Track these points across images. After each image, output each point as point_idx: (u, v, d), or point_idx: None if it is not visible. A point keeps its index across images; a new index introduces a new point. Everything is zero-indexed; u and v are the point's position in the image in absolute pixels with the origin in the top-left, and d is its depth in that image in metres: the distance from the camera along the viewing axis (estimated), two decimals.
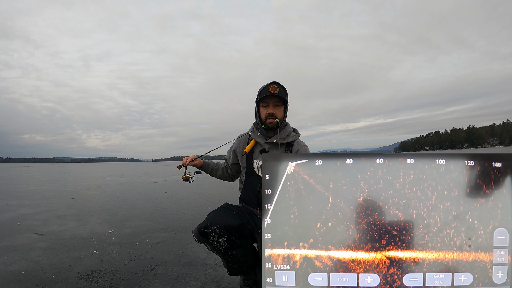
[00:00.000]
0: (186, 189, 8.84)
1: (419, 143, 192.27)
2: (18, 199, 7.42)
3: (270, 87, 1.60)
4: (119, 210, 5.70)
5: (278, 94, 1.59)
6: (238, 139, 1.82)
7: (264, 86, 1.63)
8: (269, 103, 1.63)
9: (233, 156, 1.86)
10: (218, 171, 1.91)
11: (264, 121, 1.66)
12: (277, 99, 1.63)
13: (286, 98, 1.63)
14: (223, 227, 1.45)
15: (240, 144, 1.81)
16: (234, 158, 1.86)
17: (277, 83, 1.63)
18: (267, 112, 1.64)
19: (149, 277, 2.41)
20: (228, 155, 1.90)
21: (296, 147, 1.69)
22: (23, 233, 3.95)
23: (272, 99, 1.63)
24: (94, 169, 34.45)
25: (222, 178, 1.96)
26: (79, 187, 10.75)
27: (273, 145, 1.67)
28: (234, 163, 1.87)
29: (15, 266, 2.70)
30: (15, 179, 16.13)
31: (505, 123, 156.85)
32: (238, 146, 1.82)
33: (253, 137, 1.72)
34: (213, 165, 1.88)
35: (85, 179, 15.92)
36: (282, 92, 1.61)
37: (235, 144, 1.84)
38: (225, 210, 1.58)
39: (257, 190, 1.63)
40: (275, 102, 1.63)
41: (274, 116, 1.64)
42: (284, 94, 1.63)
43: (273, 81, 1.64)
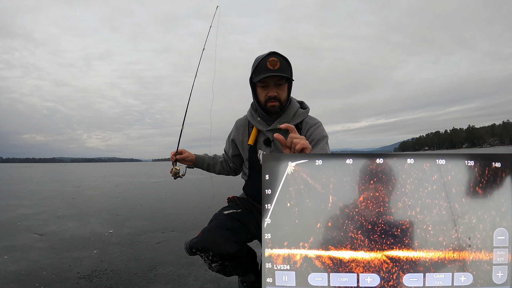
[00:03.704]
0: (186, 189, 8.84)
1: (419, 143, 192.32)
2: (18, 199, 7.42)
3: (268, 62, 1.23)
4: (119, 210, 5.70)
5: (280, 70, 1.24)
6: (236, 126, 1.54)
7: (260, 59, 1.26)
8: (269, 83, 1.28)
9: (232, 146, 1.57)
10: (216, 166, 1.63)
11: (264, 105, 1.33)
12: (279, 76, 1.26)
13: (290, 74, 1.27)
14: (216, 255, 1.22)
15: (238, 131, 1.51)
16: (234, 149, 1.57)
17: (276, 53, 1.26)
18: (267, 94, 1.30)
19: (149, 277, 2.41)
20: (227, 146, 1.61)
21: (305, 128, 1.35)
22: (23, 233, 3.95)
23: (273, 78, 1.26)
24: (94, 169, 34.45)
25: (222, 173, 1.66)
26: (79, 187, 10.75)
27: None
28: (235, 155, 1.58)
29: (15, 266, 2.70)
30: (15, 179, 16.13)
31: (505, 123, 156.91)
32: (237, 134, 1.52)
33: (253, 123, 1.42)
34: (209, 159, 1.62)
35: (85, 179, 15.92)
36: (284, 68, 1.26)
37: (233, 132, 1.55)
38: (222, 229, 1.28)
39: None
40: (276, 81, 1.28)
41: (277, 98, 1.30)
42: (287, 70, 1.27)
43: (271, 51, 1.25)
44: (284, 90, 1.32)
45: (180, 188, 9.29)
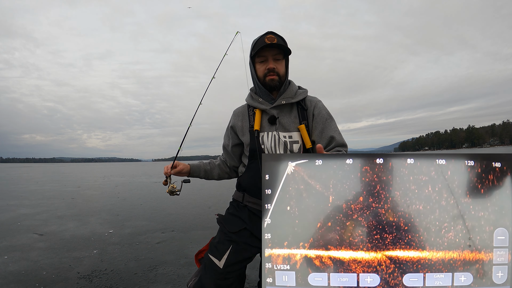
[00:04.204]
0: (186, 189, 8.82)
1: (419, 143, 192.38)
2: (18, 199, 7.43)
3: (266, 38, 1.27)
4: (119, 210, 5.71)
5: (278, 43, 1.26)
6: (235, 114, 1.46)
7: (258, 38, 1.31)
8: (268, 56, 1.29)
9: (232, 136, 1.44)
10: (214, 170, 1.51)
11: (263, 79, 1.31)
12: (277, 50, 1.29)
13: (287, 47, 1.30)
14: None
15: (237, 117, 1.42)
16: (234, 138, 1.43)
17: (273, 32, 1.31)
18: (266, 67, 1.29)
19: (149, 277, 2.41)
20: (227, 139, 1.48)
21: (310, 106, 1.34)
22: (23, 233, 3.95)
23: (271, 51, 1.28)
24: (94, 169, 34.45)
25: (222, 176, 1.54)
26: (79, 187, 10.75)
27: (282, 109, 1.33)
28: (236, 144, 1.44)
29: (15, 266, 2.70)
30: (15, 179, 16.13)
31: (505, 123, 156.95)
32: (236, 120, 1.42)
33: (254, 105, 1.35)
34: (205, 165, 1.51)
35: (85, 179, 15.92)
36: (281, 42, 1.29)
37: (232, 119, 1.45)
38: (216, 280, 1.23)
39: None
40: (274, 54, 1.29)
41: (276, 71, 1.29)
42: (284, 44, 1.31)
43: (268, 31, 1.31)
44: (282, 65, 1.32)
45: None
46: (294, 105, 1.34)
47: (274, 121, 1.32)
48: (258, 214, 1.30)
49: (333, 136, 1.27)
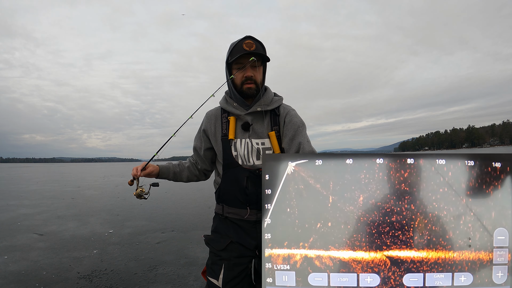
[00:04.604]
0: (186, 189, 8.85)
1: (419, 143, 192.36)
2: (18, 199, 7.43)
3: (244, 44, 1.25)
4: (119, 210, 5.71)
5: (256, 51, 1.25)
6: (207, 116, 1.40)
7: (235, 43, 1.29)
8: (245, 64, 1.26)
9: (204, 139, 1.39)
10: (183, 173, 1.46)
11: (241, 87, 1.29)
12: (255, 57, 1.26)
13: (266, 55, 1.29)
14: None
15: (210, 121, 1.38)
16: (206, 142, 1.39)
17: (252, 37, 1.30)
18: (244, 75, 1.28)
19: (149, 277, 2.41)
20: (198, 141, 1.42)
21: (283, 112, 1.33)
22: (23, 233, 3.96)
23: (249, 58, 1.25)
24: (94, 169, 34.45)
25: (191, 179, 1.49)
26: (79, 187, 10.75)
27: (256, 116, 1.31)
28: (207, 148, 1.40)
29: (15, 266, 2.70)
30: (15, 179, 16.14)
31: (505, 123, 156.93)
32: (209, 124, 1.37)
33: (228, 109, 1.33)
34: (174, 167, 1.46)
35: (85, 179, 15.92)
36: (260, 49, 1.27)
37: (204, 122, 1.40)
38: None
39: (244, 185, 1.23)
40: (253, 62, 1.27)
41: (253, 79, 1.28)
42: (263, 51, 1.29)
43: (246, 35, 1.31)
44: (260, 72, 1.31)
45: (180, 188, 9.30)
46: (268, 112, 1.32)
47: (247, 128, 1.30)
48: (239, 224, 1.28)
49: (301, 142, 1.26)
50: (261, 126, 1.30)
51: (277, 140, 1.27)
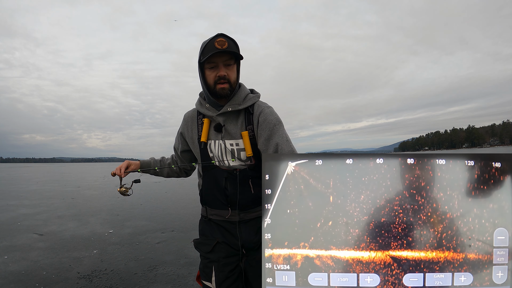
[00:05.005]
0: (186, 189, 8.84)
1: (419, 143, 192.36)
2: (18, 199, 7.43)
3: (216, 42, 1.20)
4: (119, 210, 5.71)
5: (228, 49, 1.20)
6: (185, 119, 1.41)
7: (207, 42, 1.24)
8: (218, 63, 1.23)
9: (181, 141, 1.41)
10: (164, 169, 1.50)
11: (214, 87, 1.25)
12: (228, 56, 1.22)
13: (238, 52, 1.25)
14: None
15: (187, 124, 1.38)
16: (183, 144, 1.41)
17: (224, 35, 1.24)
18: (217, 75, 1.23)
19: (149, 277, 2.41)
20: (177, 142, 1.45)
21: (257, 111, 1.29)
22: (23, 233, 3.96)
23: (222, 57, 1.22)
24: (94, 169, 34.46)
25: (171, 175, 1.53)
26: (79, 187, 10.75)
27: (228, 116, 1.28)
28: (185, 150, 1.42)
29: (15, 266, 2.70)
30: (15, 179, 16.14)
31: (505, 123, 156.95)
32: (186, 127, 1.38)
33: (201, 111, 1.31)
34: (155, 164, 1.50)
35: (85, 179, 15.93)
36: (232, 46, 1.22)
37: (182, 125, 1.41)
38: None
39: (223, 186, 1.24)
40: (225, 60, 1.23)
41: (227, 79, 1.24)
42: (236, 48, 1.24)
43: (218, 33, 1.25)
44: (233, 71, 1.27)
45: (180, 188, 9.30)
46: (242, 111, 1.29)
47: (220, 129, 1.29)
48: (222, 225, 1.29)
49: (278, 143, 1.21)
50: (234, 126, 1.28)
51: (251, 140, 1.24)
